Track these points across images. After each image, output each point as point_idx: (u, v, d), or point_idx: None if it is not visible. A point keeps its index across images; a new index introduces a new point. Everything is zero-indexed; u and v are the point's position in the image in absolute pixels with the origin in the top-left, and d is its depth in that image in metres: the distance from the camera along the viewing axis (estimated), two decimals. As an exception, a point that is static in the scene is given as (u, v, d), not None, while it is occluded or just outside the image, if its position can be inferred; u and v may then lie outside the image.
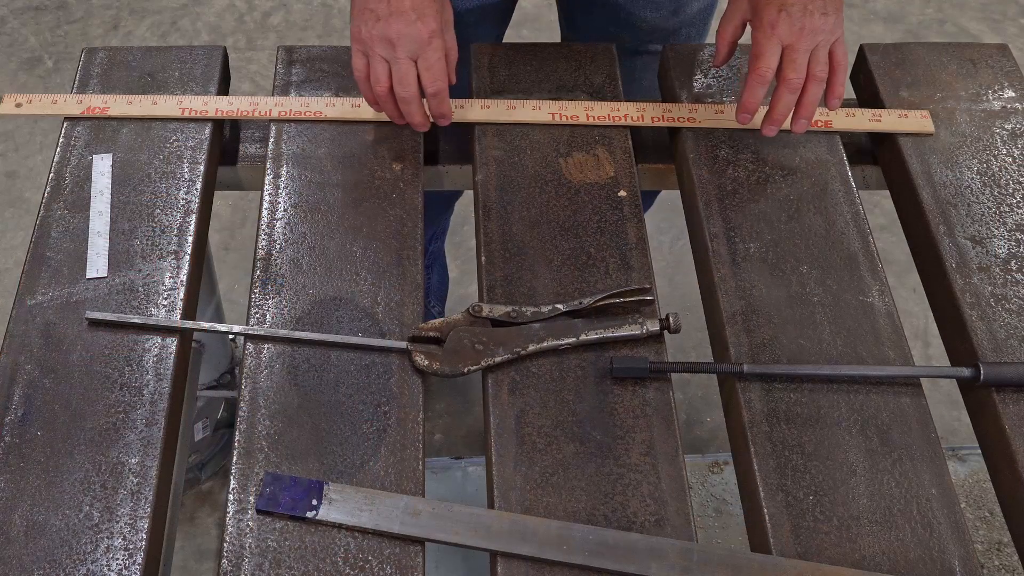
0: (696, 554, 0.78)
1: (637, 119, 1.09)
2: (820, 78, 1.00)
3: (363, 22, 0.96)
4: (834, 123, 1.10)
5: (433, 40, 0.96)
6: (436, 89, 0.99)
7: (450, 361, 0.89)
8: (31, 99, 1.09)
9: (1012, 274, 0.98)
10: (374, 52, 0.97)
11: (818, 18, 0.98)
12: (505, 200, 1.03)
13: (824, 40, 0.99)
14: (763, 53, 0.99)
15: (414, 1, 0.95)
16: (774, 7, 0.98)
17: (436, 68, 0.98)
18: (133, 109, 1.08)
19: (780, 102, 1.01)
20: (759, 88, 1.01)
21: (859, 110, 1.12)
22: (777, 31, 0.98)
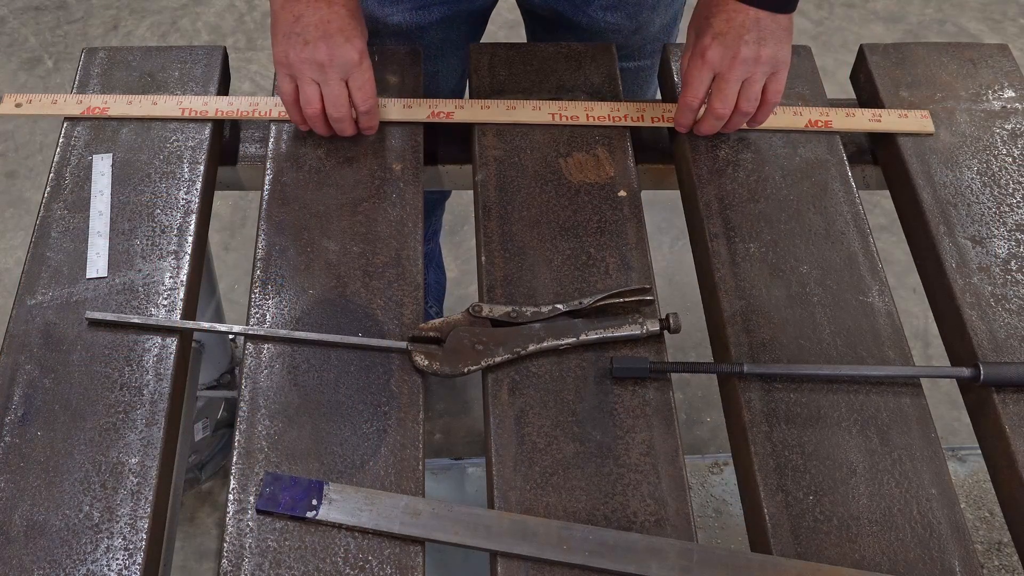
0: (696, 554, 0.78)
1: (637, 119, 1.09)
2: (746, 112, 1.00)
3: (290, 46, 0.97)
4: (834, 123, 1.10)
5: (363, 60, 0.98)
6: (368, 107, 1.01)
7: (450, 361, 0.89)
8: (31, 99, 1.09)
9: (1012, 274, 0.98)
10: (303, 75, 0.98)
11: (752, 47, 0.96)
12: (505, 200, 1.03)
13: (760, 72, 0.97)
14: (691, 81, 1.00)
15: (340, 24, 0.97)
16: (709, 34, 0.97)
17: (367, 87, 1.00)
18: (133, 109, 1.08)
19: (704, 125, 1.04)
20: (687, 113, 1.03)
21: (859, 110, 1.12)
22: (708, 58, 0.97)
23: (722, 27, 0.96)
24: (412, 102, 1.09)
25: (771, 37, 0.96)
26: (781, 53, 0.97)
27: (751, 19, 0.95)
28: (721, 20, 0.97)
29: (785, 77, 1.00)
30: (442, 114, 1.08)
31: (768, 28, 0.96)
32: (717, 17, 0.97)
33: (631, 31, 1.23)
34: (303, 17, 0.96)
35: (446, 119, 1.08)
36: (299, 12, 0.96)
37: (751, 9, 0.95)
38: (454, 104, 1.08)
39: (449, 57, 1.27)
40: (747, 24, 0.95)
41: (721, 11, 0.97)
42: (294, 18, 0.97)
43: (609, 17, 1.21)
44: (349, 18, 0.97)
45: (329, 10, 0.96)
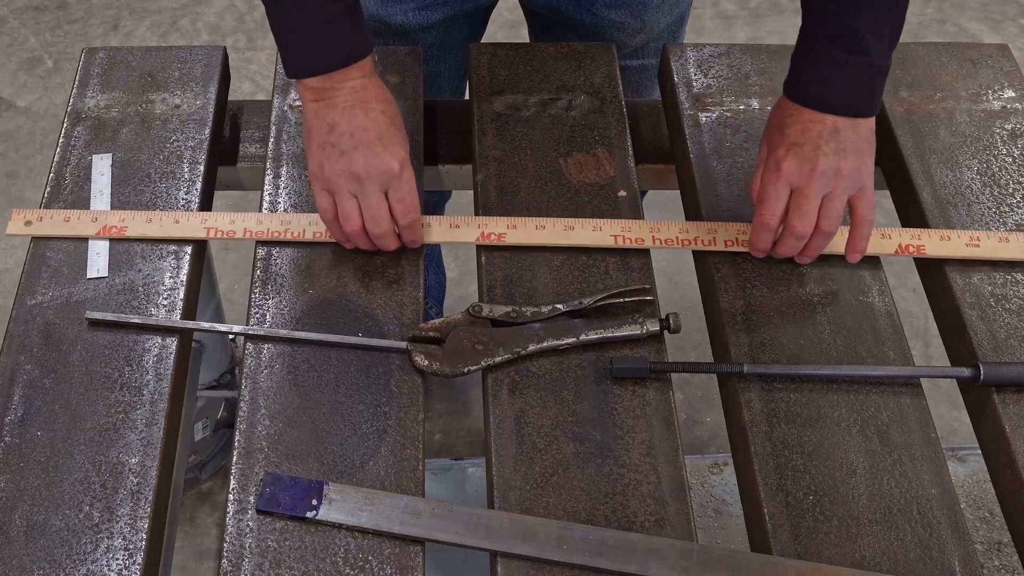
0: (696, 554, 0.78)
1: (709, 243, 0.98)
2: (828, 232, 0.91)
3: (325, 158, 0.89)
4: (927, 248, 0.99)
5: (404, 171, 0.90)
6: (409, 221, 0.92)
7: (450, 361, 0.89)
8: (41, 216, 0.98)
9: (1012, 274, 0.98)
10: (341, 189, 0.90)
11: (832, 159, 0.88)
12: (505, 200, 1.03)
13: (843, 187, 0.89)
14: (767, 197, 0.91)
15: (379, 130, 0.89)
16: (784, 145, 0.89)
17: (408, 199, 0.91)
18: (152, 229, 0.97)
19: (783, 246, 0.93)
20: (765, 233, 0.93)
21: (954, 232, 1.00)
22: (784, 172, 0.89)
23: (798, 137, 0.89)
24: (459, 220, 0.99)
25: (852, 149, 0.88)
26: (864, 166, 0.89)
27: (829, 129, 0.88)
28: (796, 130, 0.89)
29: (872, 194, 0.91)
30: (493, 236, 0.98)
31: (848, 139, 0.88)
32: (792, 128, 0.89)
33: (635, 29, 1.23)
34: (338, 126, 0.89)
35: (497, 241, 0.98)
36: (333, 121, 0.89)
37: (828, 118, 0.88)
38: (506, 224, 0.98)
39: (450, 58, 1.27)
40: (824, 134, 0.88)
41: (796, 121, 0.89)
42: (328, 127, 0.89)
43: (613, 15, 1.20)
44: (388, 125, 0.90)
45: (366, 117, 0.89)
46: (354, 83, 0.89)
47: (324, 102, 0.89)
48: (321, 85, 0.89)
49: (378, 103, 0.90)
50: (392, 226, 0.92)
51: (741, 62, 1.17)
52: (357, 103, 0.89)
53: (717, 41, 2.41)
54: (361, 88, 0.90)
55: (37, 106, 2.33)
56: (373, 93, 0.90)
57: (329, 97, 0.89)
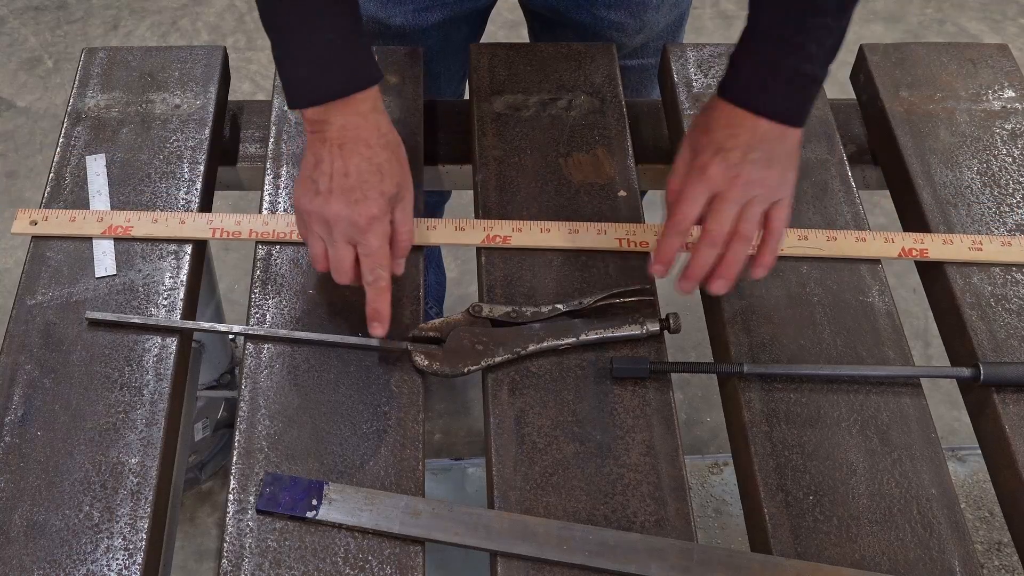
0: (696, 554, 0.78)
1: None
2: (746, 237, 0.86)
3: (304, 193, 0.87)
4: (931, 252, 0.99)
5: (373, 225, 0.85)
6: (374, 278, 0.86)
7: (450, 361, 0.89)
8: (47, 216, 0.98)
9: (1012, 274, 0.98)
10: (311, 229, 0.87)
11: (759, 169, 0.85)
12: (505, 200, 1.03)
13: (762, 195, 0.86)
14: (684, 198, 0.86)
15: (359, 178, 0.85)
16: (710, 149, 0.86)
17: (376, 255, 0.86)
18: (159, 229, 0.97)
19: (697, 255, 0.87)
20: (675, 237, 0.87)
21: (957, 236, 1.00)
22: (708, 175, 0.85)
23: (725, 142, 0.86)
24: (464, 223, 0.99)
25: (778, 160, 0.86)
26: (787, 179, 0.87)
27: (758, 137, 0.86)
28: (724, 134, 0.86)
29: (790, 208, 0.88)
30: (498, 238, 0.98)
31: (776, 150, 0.86)
32: (720, 131, 0.87)
33: (635, 30, 1.23)
34: (321, 163, 0.86)
35: (502, 244, 0.98)
36: (320, 156, 0.86)
37: (760, 126, 0.86)
38: (511, 226, 0.98)
39: (450, 59, 1.27)
40: (753, 142, 0.85)
41: (725, 124, 0.87)
42: (315, 162, 0.86)
43: (612, 15, 1.20)
44: (372, 172, 0.85)
45: (349, 160, 0.85)
46: (347, 120, 0.85)
47: (317, 135, 0.86)
48: (316, 117, 0.86)
49: (367, 147, 0.86)
50: (357, 279, 0.88)
51: (741, 62, 1.17)
52: (346, 142, 0.85)
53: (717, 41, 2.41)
54: (353, 127, 0.85)
55: (37, 106, 2.33)
56: (366, 134, 0.86)
57: (322, 131, 0.86)
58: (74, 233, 0.97)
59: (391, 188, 0.87)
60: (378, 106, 0.88)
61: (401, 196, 0.89)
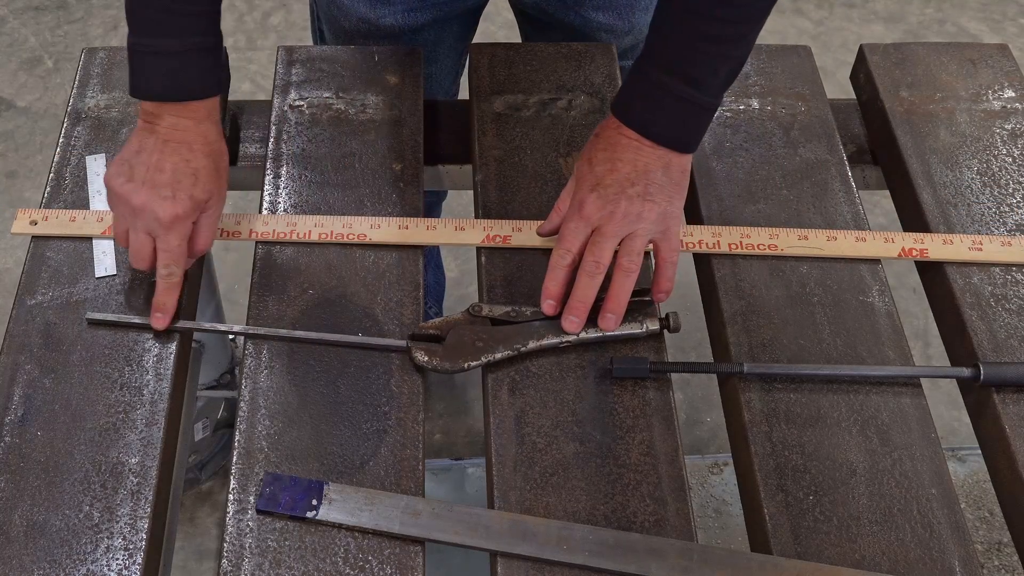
0: (696, 554, 0.78)
1: (712, 246, 0.98)
2: (628, 269, 0.87)
3: (117, 173, 0.87)
4: (930, 252, 0.99)
5: (175, 224, 0.86)
6: (168, 273, 0.88)
7: (450, 357, 0.89)
8: (47, 215, 0.98)
9: (1012, 274, 0.98)
10: (116, 211, 0.89)
11: (636, 203, 0.85)
12: (505, 200, 1.03)
13: (643, 229, 0.86)
14: (564, 235, 0.88)
15: (173, 177, 0.86)
16: (588, 183, 0.87)
17: (173, 252, 0.88)
18: None
19: (577, 288, 0.88)
20: (558, 272, 0.88)
21: (957, 236, 1.00)
22: (585, 212, 0.86)
23: (604, 176, 0.86)
24: (464, 223, 0.99)
25: (658, 192, 0.86)
26: (671, 209, 0.87)
27: (639, 171, 0.86)
28: (605, 168, 0.87)
29: (677, 236, 0.90)
30: (498, 238, 0.98)
31: (656, 181, 0.86)
32: (601, 165, 0.87)
33: (623, 31, 1.23)
34: (142, 153, 0.87)
35: (502, 244, 0.98)
36: (144, 145, 0.88)
37: (641, 158, 0.86)
38: (511, 226, 0.98)
39: (442, 58, 1.27)
40: (632, 176, 0.86)
41: (607, 158, 0.87)
42: (137, 149, 0.88)
43: (601, 17, 1.20)
44: (188, 175, 0.87)
45: (169, 158, 0.87)
46: (178, 121, 0.88)
47: (148, 126, 0.88)
48: (151, 110, 0.88)
49: (189, 151, 0.88)
50: (152, 268, 0.89)
51: (741, 62, 1.17)
52: (171, 140, 0.88)
53: (717, 41, 2.41)
54: (183, 128, 0.88)
55: (37, 106, 2.33)
56: (192, 138, 0.88)
57: (153, 123, 0.88)
58: (74, 233, 0.97)
59: (202, 194, 0.88)
60: (212, 115, 0.90)
61: (211, 204, 0.90)
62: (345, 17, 1.19)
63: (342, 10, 1.19)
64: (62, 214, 0.98)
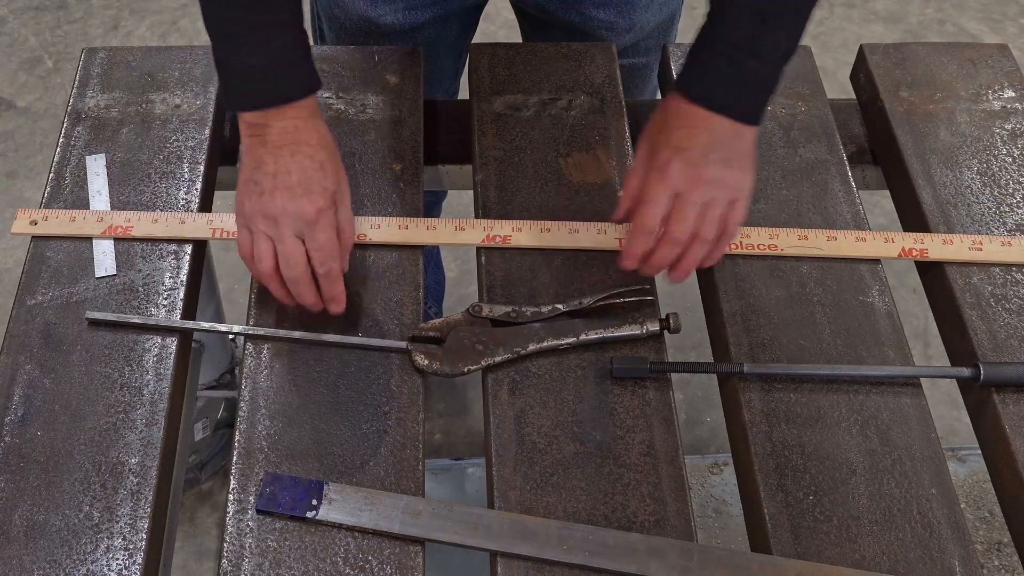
0: (696, 554, 0.78)
1: None
2: (706, 239, 0.88)
3: (247, 196, 0.88)
4: (930, 252, 0.99)
5: (321, 218, 0.87)
6: (327, 270, 0.88)
7: (450, 360, 0.89)
8: (47, 215, 0.98)
9: (1012, 274, 0.98)
10: (257, 228, 0.88)
11: (719, 169, 0.86)
12: (505, 200, 1.03)
13: (722, 196, 0.87)
14: (649, 199, 0.87)
15: (302, 175, 0.87)
16: (669, 148, 0.87)
17: (326, 247, 0.88)
18: (159, 229, 0.97)
19: (659, 254, 0.89)
20: (643, 237, 0.88)
21: (957, 236, 1.00)
22: (669, 175, 0.86)
23: (683, 142, 0.87)
24: (464, 223, 0.99)
25: (736, 160, 0.88)
26: (745, 180, 0.89)
27: (715, 137, 0.87)
28: (682, 134, 0.87)
29: (745, 209, 0.89)
30: (498, 238, 0.98)
31: (733, 150, 0.87)
32: (677, 131, 0.88)
33: (624, 29, 1.23)
34: (264, 165, 0.87)
35: (502, 243, 0.98)
36: (261, 158, 0.88)
37: (715, 126, 0.87)
38: (511, 226, 0.99)
39: (442, 58, 1.27)
40: (711, 143, 0.87)
41: (682, 124, 0.88)
42: (255, 164, 0.88)
43: (601, 15, 1.20)
44: (315, 170, 0.88)
45: (291, 160, 0.87)
46: (287, 123, 0.88)
47: (258, 138, 0.88)
48: (256, 121, 0.88)
49: (308, 147, 0.88)
50: (308, 273, 0.88)
51: (741, 62, 1.17)
52: (286, 144, 0.88)
53: (717, 41, 2.41)
54: (294, 129, 0.88)
55: (37, 106, 2.33)
56: (306, 136, 0.88)
57: (261, 133, 0.88)
58: (74, 233, 0.97)
59: (332, 185, 0.89)
60: (316, 111, 0.90)
61: (342, 192, 0.90)
62: (346, 15, 1.19)
63: (343, 8, 1.19)
64: (62, 214, 0.98)
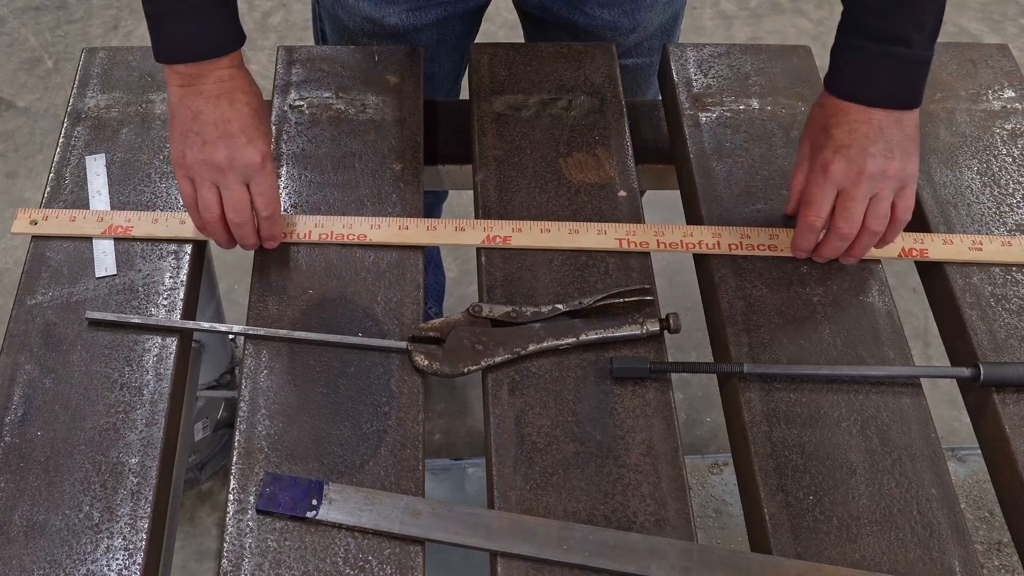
0: (696, 554, 0.78)
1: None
2: (875, 231, 0.91)
3: (187, 146, 0.88)
4: (930, 252, 0.99)
5: (266, 163, 0.90)
6: (270, 212, 0.92)
7: (450, 361, 0.89)
8: (47, 215, 0.98)
9: (1012, 274, 0.98)
10: (202, 177, 0.89)
11: (880, 161, 0.88)
12: (505, 200, 1.03)
13: (888, 187, 0.89)
14: (814, 200, 0.91)
15: (243, 122, 0.89)
16: (830, 148, 0.90)
17: (269, 192, 0.91)
18: (159, 229, 0.98)
19: (828, 247, 0.94)
20: (809, 234, 0.94)
21: (957, 236, 1.00)
22: (831, 174, 0.89)
23: (844, 139, 0.89)
24: (464, 223, 0.99)
25: (898, 148, 0.88)
26: (910, 166, 0.89)
27: (875, 129, 0.88)
28: (842, 131, 0.89)
29: (914, 193, 0.91)
30: (498, 238, 0.98)
31: (895, 138, 0.88)
32: (837, 128, 0.89)
33: (628, 29, 1.23)
34: (202, 114, 0.88)
35: (502, 244, 0.98)
36: (198, 108, 0.88)
37: (874, 115, 0.88)
38: (511, 227, 0.99)
39: (445, 59, 1.27)
40: (871, 135, 0.88)
41: (841, 120, 0.89)
42: (192, 115, 0.89)
43: (606, 15, 1.20)
44: (252, 117, 0.90)
45: (231, 108, 0.89)
46: (222, 72, 0.89)
47: (190, 88, 0.89)
48: (189, 71, 0.88)
49: (244, 94, 0.90)
50: (252, 218, 0.92)
51: (741, 62, 1.17)
52: (223, 93, 0.89)
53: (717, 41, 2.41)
54: (229, 78, 0.89)
55: (37, 106, 2.33)
56: (240, 84, 0.90)
57: (195, 84, 0.89)
58: (74, 233, 0.97)
59: (269, 130, 0.92)
60: (242, 62, 0.92)
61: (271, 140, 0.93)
62: (350, 16, 1.19)
63: (346, 9, 1.19)
64: (62, 214, 0.98)
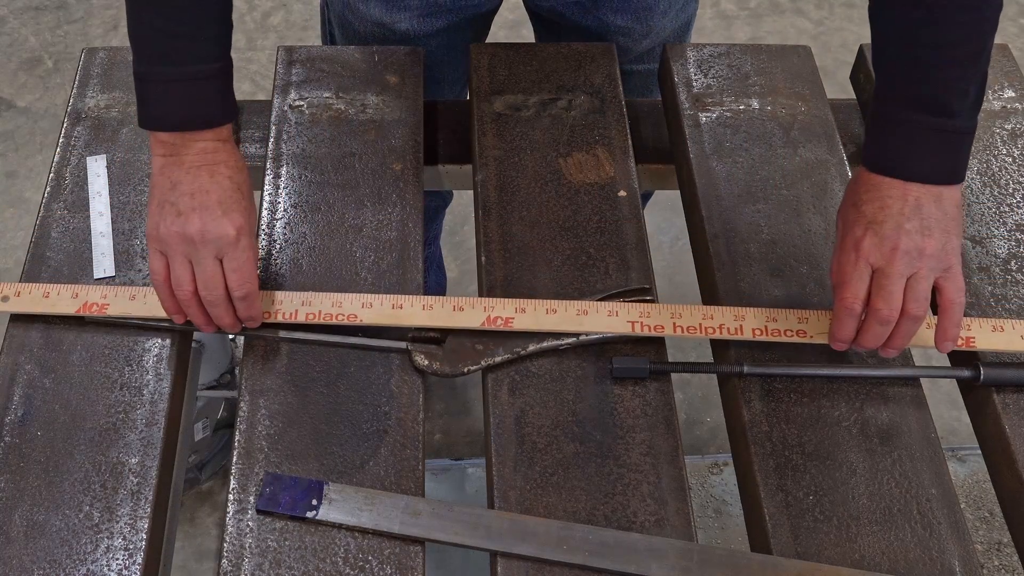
0: (696, 554, 0.78)
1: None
2: (915, 316, 0.82)
3: (161, 218, 0.84)
4: (978, 341, 0.91)
5: (241, 238, 0.85)
6: (245, 292, 0.86)
7: (450, 361, 0.89)
8: (19, 291, 0.92)
9: (1012, 274, 0.98)
10: (175, 251, 0.84)
11: (916, 237, 0.81)
12: (505, 200, 1.03)
13: (928, 267, 0.81)
14: (847, 279, 0.83)
15: (221, 195, 0.85)
16: (861, 224, 0.83)
17: (245, 269, 0.85)
18: (135, 307, 0.91)
19: (867, 334, 0.84)
20: (848, 320, 0.84)
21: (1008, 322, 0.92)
22: (863, 251, 0.82)
23: (876, 215, 0.82)
24: (464, 302, 0.92)
25: (936, 226, 0.81)
26: (950, 245, 0.82)
27: (911, 205, 0.82)
28: (874, 207, 0.83)
29: (961, 276, 0.83)
30: (499, 320, 0.91)
31: (932, 215, 0.81)
32: (869, 204, 0.83)
33: (641, 35, 1.23)
34: (180, 185, 0.85)
35: (504, 327, 0.90)
36: (177, 179, 0.85)
37: (910, 190, 0.82)
38: (514, 307, 0.91)
39: (453, 64, 1.27)
40: (906, 211, 0.81)
41: (874, 197, 0.83)
42: (171, 185, 0.85)
43: (619, 20, 1.20)
44: (233, 191, 0.86)
45: (210, 180, 0.85)
46: (206, 144, 0.86)
47: (173, 158, 0.86)
48: (172, 140, 0.85)
49: (227, 167, 0.86)
50: (226, 294, 0.86)
51: (741, 62, 1.17)
52: (204, 164, 0.85)
53: (717, 41, 2.41)
54: (213, 150, 0.86)
55: (37, 106, 2.33)
56: (224, 157, 0.87)
57: (178, 154, 0.86)
58: (47, 311, 0.91)
59: (250, 206, 0.87)
60: (231, 136, 0.89)
61: (254, 220, 0.89)
62: (360, 21, 1.19)
63: (357, 14, 1.19)
64: (36, 289, 0.92)
